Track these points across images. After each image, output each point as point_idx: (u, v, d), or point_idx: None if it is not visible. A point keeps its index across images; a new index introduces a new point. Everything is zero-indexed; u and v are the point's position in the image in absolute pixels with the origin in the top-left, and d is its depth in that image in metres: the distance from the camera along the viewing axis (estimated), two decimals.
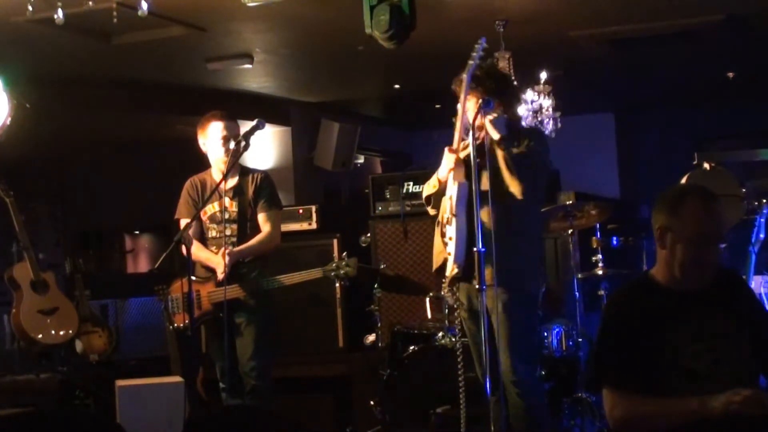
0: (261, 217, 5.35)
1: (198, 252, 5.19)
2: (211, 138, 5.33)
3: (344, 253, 5.30)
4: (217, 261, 5.18)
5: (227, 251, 5.15)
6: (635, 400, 2.93)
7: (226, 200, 5.27)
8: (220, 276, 5.14)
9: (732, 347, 2.99)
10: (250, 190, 5.35)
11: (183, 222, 5.30)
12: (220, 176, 5.22)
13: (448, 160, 4.45)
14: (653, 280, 3.08)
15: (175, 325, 5.35)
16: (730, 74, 8.58)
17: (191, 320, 4.62)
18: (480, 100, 4.32)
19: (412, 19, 5.06)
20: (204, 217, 5.33)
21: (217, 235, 5.27)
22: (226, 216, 5.26)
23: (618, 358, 2.98)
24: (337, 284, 5.17)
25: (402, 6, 5.01)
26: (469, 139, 4.36)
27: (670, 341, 2.96)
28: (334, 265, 5.23)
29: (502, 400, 4.36)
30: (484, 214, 4.24)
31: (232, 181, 5.33)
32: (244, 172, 5.42)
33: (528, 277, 4.42)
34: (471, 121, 4.35)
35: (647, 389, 2.93)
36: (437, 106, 8.54)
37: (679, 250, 2.99)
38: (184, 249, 4.79)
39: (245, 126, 5.31)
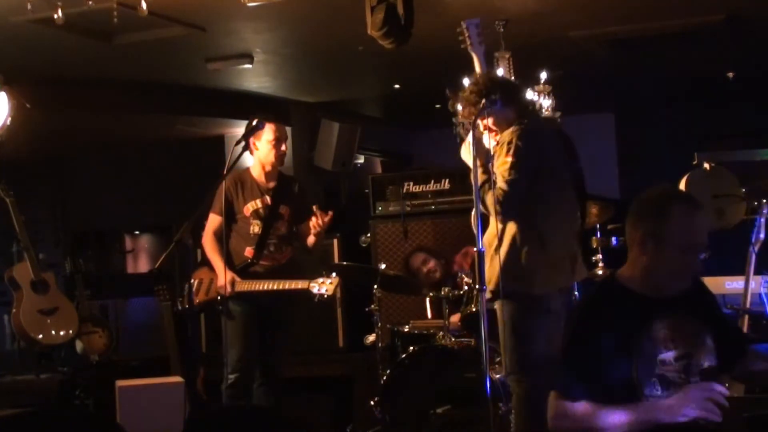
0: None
1: (213, 255, 5.40)
2: (264, 138, 5.48)
3: (333, 273, 5.35)
4: (222, 277, 5.31)
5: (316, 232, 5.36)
6: (584, 411, 2.85)
7: (267, 198, 5.46)
8: (220, 287, 5.31)
9: (701, 352, 2.96)
10: (294, 194, 5.57)
11: (213, 217, 5.47)
12: (263, 176, 5.45)
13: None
14: (625, 284, 3.01)
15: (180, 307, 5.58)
16: (730, 74, 8.58)
17: (190, 306, 4.74)
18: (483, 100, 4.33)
19: (408, 18, 5.06)
20: (247, 214, 5.45)
21: (259, 231, 5.43)
22: (261, 214, 5.44)
23: (579, 366, 2.90)
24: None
25: (396, 5, 5.03)
26: (470, 137, 4.36)
27: (643, 348, 2.90)
28: (320, 279, 5.30)
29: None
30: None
31: (272, 182, 5.51)
32: (282, 175, 5.63)
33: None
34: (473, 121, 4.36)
35: (614, 397, 2.86)
36: (437, 106, 8.51)
37: (665, 258, 2.93)
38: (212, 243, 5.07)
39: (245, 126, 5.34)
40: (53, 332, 6.45)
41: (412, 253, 6.62)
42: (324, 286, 5.27)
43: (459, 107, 4.67)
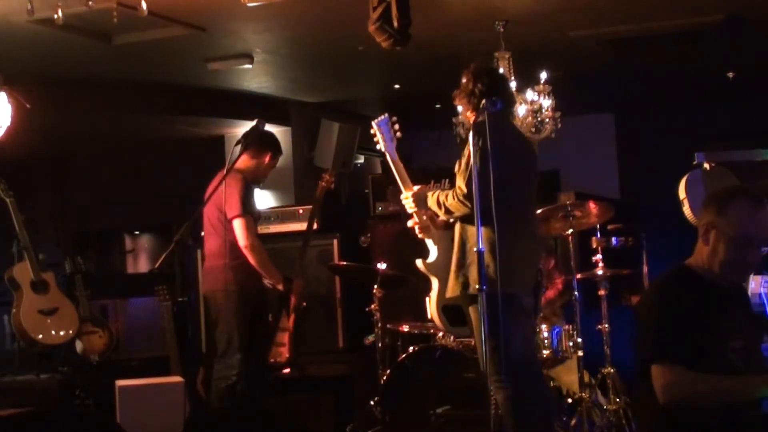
0: None
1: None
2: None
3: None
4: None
5: None
6: (692, 378, 2.97)
7: None
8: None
9: (759, 346, 3.13)
10: None
11: (250, 218, 5.71)
12: None
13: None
14: (695, 272, 3.14)
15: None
16: (730, 74, 8.57)
17: None
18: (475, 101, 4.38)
19: (402, 19, 5.07)
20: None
21: None
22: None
23: (679, 335, 3.02)
24: (337, 285, 5.38)
25: (391, 5, 5.06)
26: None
27: (717, 333, 3.03)
28: None
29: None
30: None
31: None
32: None
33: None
34: (471, 122, 4.39)
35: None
36: (437, 106, 8.54)
37: (721, 249, 3.06)
38: None
39: (245, 126, 5.33)
40: (53, 332, 6.44)
41: None
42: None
43: (460, 108, 4.69)
